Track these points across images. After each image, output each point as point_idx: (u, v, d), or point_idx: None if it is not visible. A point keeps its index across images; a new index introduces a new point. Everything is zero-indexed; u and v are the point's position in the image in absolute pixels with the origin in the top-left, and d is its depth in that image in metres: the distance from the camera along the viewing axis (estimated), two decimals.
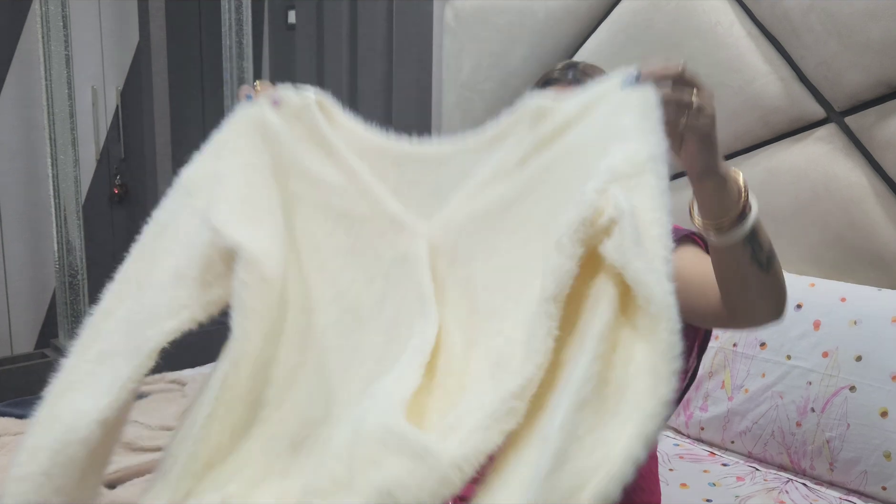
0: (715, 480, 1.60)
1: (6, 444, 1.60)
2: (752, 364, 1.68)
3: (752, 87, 1.83)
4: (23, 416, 1.75)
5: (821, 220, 1.76)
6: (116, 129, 3.45)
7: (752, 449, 1.68)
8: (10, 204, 3.18)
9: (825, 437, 1.56)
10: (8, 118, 3.14)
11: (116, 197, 3.52)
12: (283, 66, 3.46)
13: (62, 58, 2.80)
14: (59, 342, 2.97)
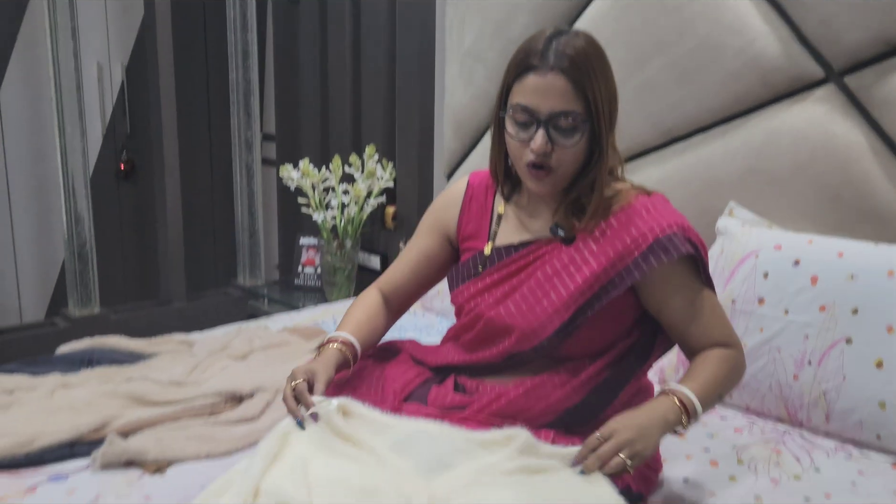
0: (713, 432, 1.63)
1: (19, 399, 1.64)
2: (751, 320, 1.71)
3: (752, 48, 1.85)
4: (35, 373, 1.79)
5: (819, 179, 1.78)
6: (122, 106, 3.48)
7: (749, 402, 1.71)
8: (19, 179, 3.22)
9: (822, 388, 1.58)
10: (14, 95, 3.17)
11: (122, 172, 3.56)
12: (286, 39, 3.48)
13: (68, 30, 2.82)
14: (68, 311, 3.01)
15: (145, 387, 1.69)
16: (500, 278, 1.36)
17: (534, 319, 1.30)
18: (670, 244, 1.25)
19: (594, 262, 1.28)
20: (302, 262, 3.29)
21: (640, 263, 1.26)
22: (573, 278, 1.29)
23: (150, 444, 1.47)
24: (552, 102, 1.21)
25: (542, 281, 1.31)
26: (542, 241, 1.34)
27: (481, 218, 1.44)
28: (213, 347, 1.97)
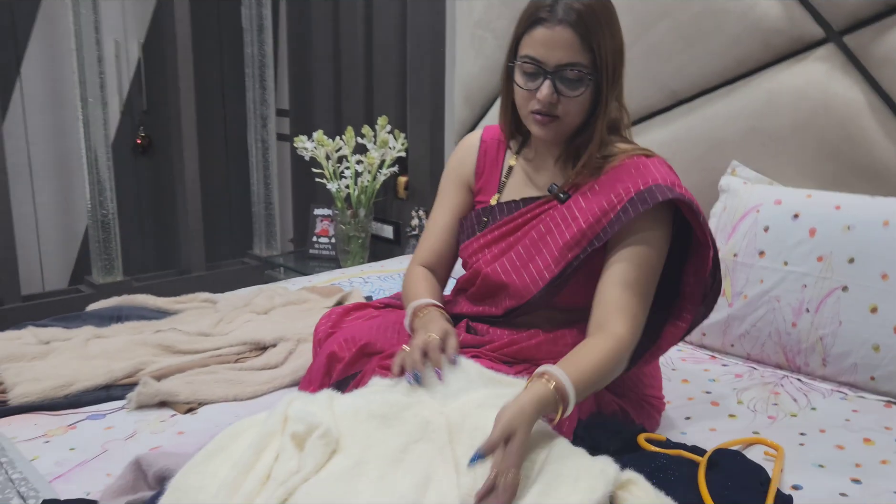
0: (715, 377, 1.71)
1: (56, 348, 1.73)
2: (751, 272, 1.78)
3: (754, 12, 1.91)
4: (69, 327, 1.88)
5: (819, 136, 1.84)
6: (139, 82, 3.55)
7: (750, 351, 1.78)
8: (40, 152, 3.31)
9: (819, 334, 1.66)
10: (35, 71, 3.25)
11: (140, 147, 3.63)
12: (299, 13, 3.54)
13: (90, 3, 2.90)
14: (92, 279, 3.11)
15: (174, 336, 1.78)
16: (499, 235, 1.42)
17: (525, 276, 1.36)
18: (648, 194, 1.27)
19: (581, 218, 1.32)
20: (316, 232, 3.37)
21: (620, 216, 1.28)
22: (563, 235, 1.34)
23: (181, 386, 1.56)
24: (559, 54, 1.25)
25: (536, 239, 1.37)
26: (542, 200, 1.40)
27: (493, 171, 1.50)
28: (237, 304, 2.05)
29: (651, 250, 1.29)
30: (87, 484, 1.24)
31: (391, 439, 1.11)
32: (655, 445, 1.28)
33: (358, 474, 1.05)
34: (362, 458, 1.05)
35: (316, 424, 1.09)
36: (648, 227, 1.29)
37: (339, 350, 1.45)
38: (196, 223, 3.33)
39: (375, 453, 1.07)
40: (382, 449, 1.07)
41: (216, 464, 1.08)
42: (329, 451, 1.08)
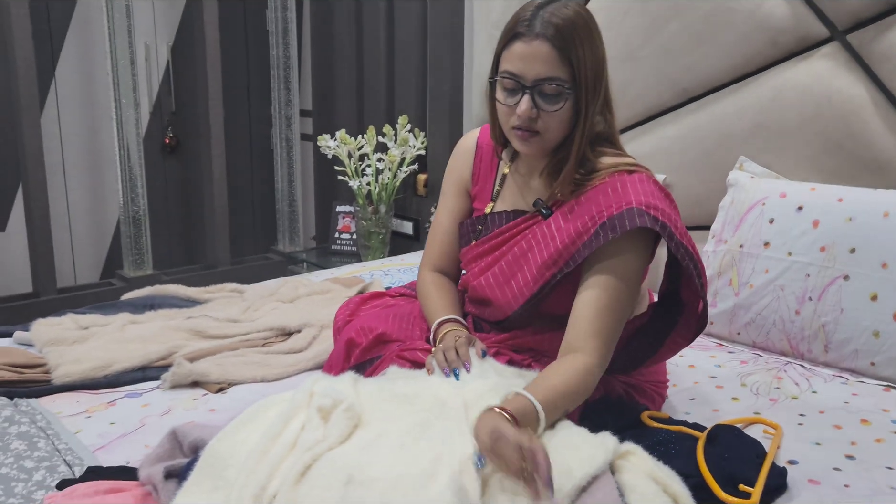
0: (721, 363, 1.78)
1: (94, 332, 1.84)
2: (757, 262, 1.84)
3: (761, 11, 1.98)
4: (105, 313, 1.99)
5: (823, 131, 1.90)
6: (167, 84, 3.67)
7: (756, 338, 1.84)
8: (73, 151, 3.43)
9: (821, 321, 1.72)
10: (69, 72, 3.38)
11: (168, 147, 3.75)
12: (323, 16, 3.64)
13: (123, 7, 3.02)
14: (124, 272, 3.23)
15: (205, 322, 1.88)
16: (488, 248, 1.45)
17: (507, 293, 1.40)
18: (619, 220, 1.24)
19: (559, 237, 1.32)
20: (338, 228, 3.47)
21: (592, 240, 1.27)
22: (542, 253, 1.34)
23: (212, 367, 1.65)
24: (537, 69, 1.23)
25: (519, 255, 1.38)
26: (528, 214, 1.39)
27: (487, 177, 1.53)
28: (263, 293, 2.15)
29: (623, 275, 1.27)
30: (127, 454, 1.34)
31: (411, 416, 1.19)
32: (658, 422, 1.35)
33: (378, 445, 1.13)
34: (383, 431, 1.13)
35: (341, 399, 1.18)
36: (622, 251, 1.27)
37: (356, 337, 1.53)
38: (222, 219, 3.44)
39: (396, 427, 1.15)
40: (402, 424, 1.15)
41: (246, 433, 1.17)
42: (352, 424, 1.16)
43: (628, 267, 1.28)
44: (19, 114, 2.89)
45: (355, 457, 1.11)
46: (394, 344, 1.49)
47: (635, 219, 1.25)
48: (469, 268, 1.50)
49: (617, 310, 1.28)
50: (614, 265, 1.27)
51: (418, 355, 1.41)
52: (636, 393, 1.45)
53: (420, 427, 1.16)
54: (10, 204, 3.28)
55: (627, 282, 1.28)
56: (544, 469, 0.97)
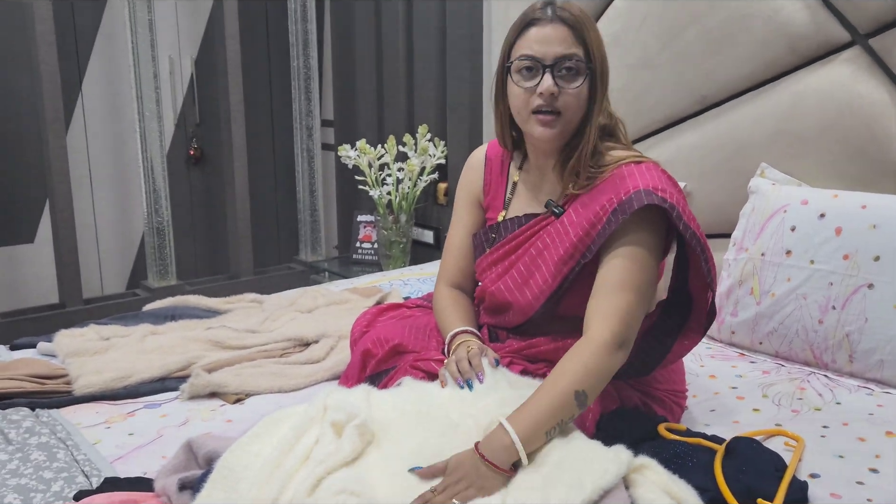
0: (742, 373, 1.75)
1: (115, 343, 1.86)
2: (779, 270, 1.82)
3: (779, 16, 1.95)
4: (126, 325, 2.01)
5: (844, 137, 1.87)
6: (191, 97, 3.72)
7: (778, 348, 1.82)
8: (100, 164, 3.48)
9: (845, 331, 1.69)
10: (96, 86, 3.43)
11: (192, 159, 3.79)
12: (343, 28, 3.67)
13: (146, 23, 3.06)
14: (148, 283, 3.26)
15: (224, 333, 1.89)
16: (503, 254, 1.47)
17: (527, 294, 1.41)
18: (628, 203, 1.28)
19: (572, 231, 1.35)
20: (359, 238, 3.48)
21: (605, 228, 1.30)
22: (557, 250, 1.36)
23: (230, 378, 1.66)
24: (556, 48, 1.29)
25: (535, 255, 1.41)
26: (541, 216, 1.42)
27: (498, 187, 1.55)
28: (282, 304, 2.16)
29: (635, 256, 1.29)
30: (144, 465, 1.35)
31: (422, 437, 1.19)
32: (675, 434, 1.33)
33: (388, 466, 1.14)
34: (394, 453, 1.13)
35: (354, 414, 1.18)
36: (633, 232, 1.29)
37: (373, 348, 1.53)
38: (245, 230, 3.47)
39: (408, 447, 1.15)
40: (413, 443, 1.16)
41: (259, 445, 1.17)
42: (365, 440, 1.16)
43: (640, 247, 1.30)
44: (45, 128, 2.95)
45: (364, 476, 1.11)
46: (409, 355, 1.49)
47: (643, 199, 1.27)
48: (484, 276, 1.50)
49: (632, 289, 1.28)
50: (626, 247, 1.29)
51: (432, 366, 1.41)
52: (654, 403, 1.44)
53: (431, 453, 1.16)
54: (38, 216, 3.34)
55: (641, 262, 1.29)
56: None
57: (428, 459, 1.15)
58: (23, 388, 1.61)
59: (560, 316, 1.42)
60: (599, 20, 2.40)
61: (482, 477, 1.12)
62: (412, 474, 1.12)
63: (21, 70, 3.17)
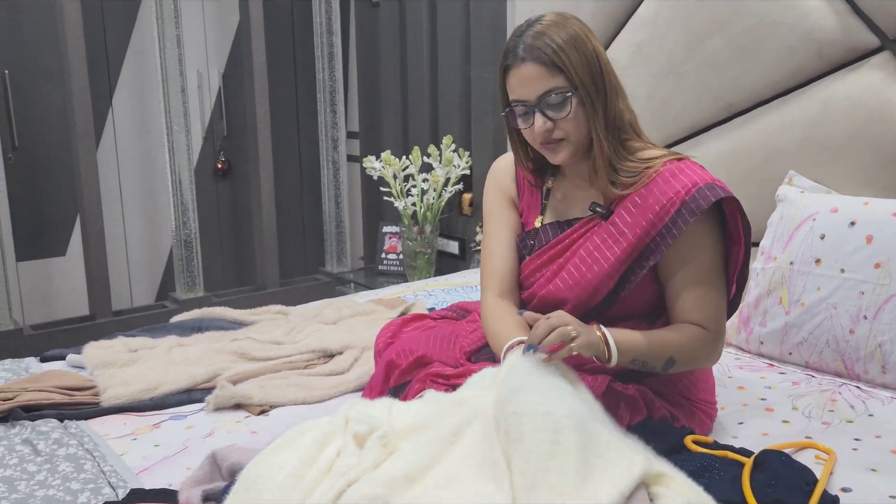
0: (771, 384, 1.72)
1: (142, 355, 1.88)
2: (808, 279, 1.78)
3: (806, 22, 1.93)
4: (154, 337, 2.03)
5: (874, 144, 1.84)
6: (219, 110, 3.76)
7: (808, 358, 1.78)
8: (129, 177, 3.54)
9: (877, 341, 1.65)
10: (126, 100, 3.49)
11: (220, 171, 3.83)
12: (368, 40, 3.69)
13: (174, 38, 3.11)
14: (176, 295, 3.30)
15: (249, 345, 1.90)
16: (549, 258, 1.47)
17: (583, 291, 1.41)
18: (694, 203, 1.32)
19: (630, 233, 1.37)
20: (385, 249, 3.49)
21: (671, 228, 1.34)
22: (612, 251, 1.38)
23: (254, 390, 1.67)
24: (535, 88, 1.32)
25: (586, 256, 1.42)
26: (585, 219, 1.44)
27: (532, 192, 1.55)
28: (307, 315, 2.17)
29: (711, 248, 1.37)
30: (169, 476, 1.36)
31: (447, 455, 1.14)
32: (702, 447, 1.31)
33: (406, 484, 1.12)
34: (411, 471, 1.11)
35: (377, 426, 1.18)
36: (701, 227, 1.35)
37: (396, 359, 1.54)
38: (271, 242, 3.49)
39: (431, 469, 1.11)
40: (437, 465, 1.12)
41: (283, 457, 1.17)
42: (387, 452, 1.16)
43: (712, 240, 1.37)
44: (76, 142, 3.00)
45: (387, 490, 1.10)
46: (432, 366, 1.49)
47: (711, 194, 1.32)
48: (532, 280, 1.50)
49: (715, 285, 1.38)
50: (699, 241, 1.36)
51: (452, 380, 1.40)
52: (682, 414, 1.42)
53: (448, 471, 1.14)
54: (70, 230, 3.39)
55: (715, 252, 1.38)
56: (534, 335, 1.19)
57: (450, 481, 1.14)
58: (52, 399, 1.63)
59: (609, 317, 1.42)
60: (623, 29, 2.39)
61: (587, 330, 1.23)
62: None
63: (53, 85, 3.23)
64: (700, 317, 1.36)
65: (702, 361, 1.40)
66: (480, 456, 1.10)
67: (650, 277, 1.41)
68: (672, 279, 1.39)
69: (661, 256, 1.36)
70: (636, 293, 1.41)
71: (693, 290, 1.37)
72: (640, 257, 1.38)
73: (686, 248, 1.36)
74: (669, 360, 1.34)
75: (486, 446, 1.10)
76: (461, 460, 1.11)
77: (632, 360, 1.31)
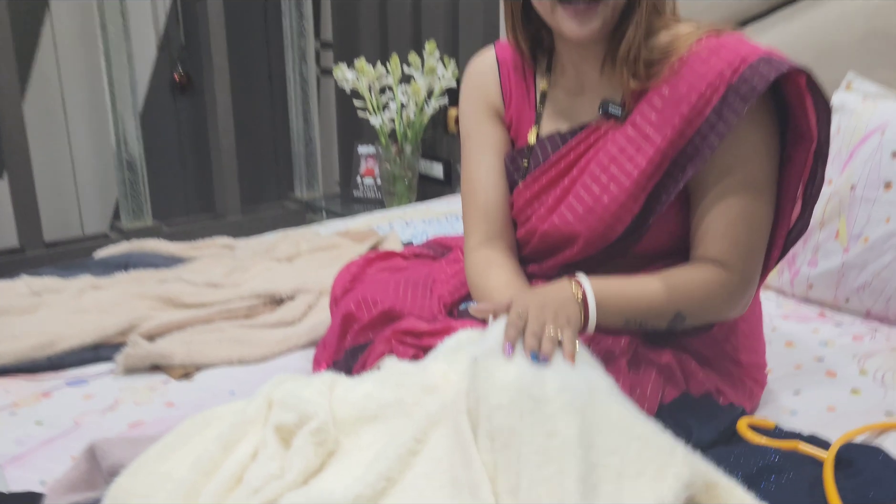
0: (827, 339, 1.38)
1: (47, 300, 1.52)
2: (874, 208, 1.43)
3: None
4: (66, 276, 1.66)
5: None
6: (175, 16, 3.31)
7: (871, 306, 1.44)
8: (73, 92, 3.12)
9: None
10: (66, 10, 3.04)
11: (179, 86, 3.42)
12: None
13: None
14: (121, 224, 2.94)
15: (178, 288, 1.54)
16: (550, 180, 1.10)
17: (598, 220, 1.04)
18: (746, 85, 0.95)
19: (658, 136, 1.00)
20: (360, 173, 3.10)
21: (715, 124, 0.97)
22: (634, 161, 1.01)
23: (177, 347, 1.32)
24: None
25: (598, 173, 1.04)
26: (592, 125, 1.07)
27: (522, 100, 1.17)
28: (257, 250, 1.81)
29: (763, 154, 1.00)
30: (43, 470, 1.02)
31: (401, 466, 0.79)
32: (761, 434, 0.97)
33: None
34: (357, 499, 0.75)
35: (309, 415, 0.83)
36: (753, 121, 0.98)
37: (356, 310, 1.19)
38: (230, 163, 3.10)
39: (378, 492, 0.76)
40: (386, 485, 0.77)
41: (174, 462, 0.82)
42: (324, 452, 0.81)
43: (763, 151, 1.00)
44: None
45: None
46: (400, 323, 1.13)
47: (765, 72, 0.94)
48: (528, 214, 1.13)
49: (753, 211, 1.00)
50: (748, 151, 0.99)
51: (425, 340, 1.05)
52: (729, 386, 1.07)
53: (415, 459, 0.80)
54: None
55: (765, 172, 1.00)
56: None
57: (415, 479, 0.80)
58: None
59: (638, 254, 1.07)
60: None
61: (563, 304, 0.93)
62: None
63: None
64: (720, 250, 1.00)
65: (720, 315, 1.04)
66: (452, 474, 0.75)
67: (680, 198, 1.04)
68: (703, 199, 1.02)
69: (702, 164, 0.99)
70: (662, 222, 1.04)
71: (723, 216, 1.00)
72: (672, 168, 1.01)
73: (730, 153, 0.99)
74: (677, 316, 1.01)
75: (460, 457, 0.75)
76: (427, 480, 0.76)
77: (624, 321, 0.99)
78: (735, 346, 1.09)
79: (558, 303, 0.93)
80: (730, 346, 1.08)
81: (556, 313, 0.90)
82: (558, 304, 0.92)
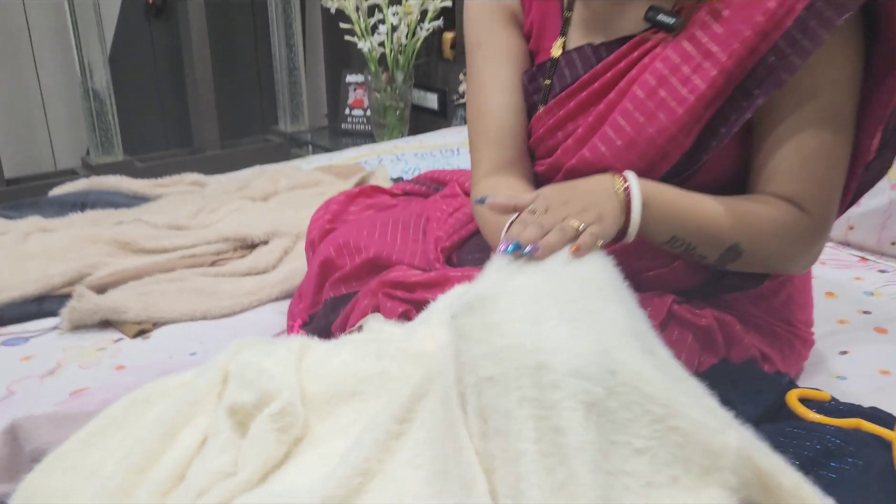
0: (872, 289, 1.22)
1: None
2: None
3: None
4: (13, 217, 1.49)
5: None
6: None
7: None
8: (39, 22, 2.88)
9: None
10: None
11: (153, 8, 3.17)
12: None
13: None
14: (89, 159, 2.74)
15: (136, 230, 1.37)
16: (580, 104, 0.89)
17: (640, 156, 0.84)
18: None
19: (723, 52, 0.80)
20: (349, 104, 2.89)
21: (798, 39, 0.77)
22: (691, 84, 0.81)
23: (131, 300, 1.15)
24: None
25: (643, 98, 0.83)
26: (637, 38, 0.86)
27: (544, 5, 0.96)
28: (229, 187, 1.62)
29: (848, 80, 0.81)
30: None
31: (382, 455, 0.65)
32: (816, 410, 0.81)
33: None
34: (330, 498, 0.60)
35: (271, 393, 0.67)
36: (840, 38, 0.79)
37: (336, 256, 1.02)
38: (207, 93, 2.88)
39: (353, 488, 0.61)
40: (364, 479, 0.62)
41: (101, 453, 0.66)
42: (289, 440, 0.65)
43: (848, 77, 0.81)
44: None
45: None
46: (392, 269, 0.97)
47: None
48: (548, 145, 0.92)
49: (835, 144, 0.82)
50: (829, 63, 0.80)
51: (418, 293, 0.88)
52: (776, 350, 0.91)
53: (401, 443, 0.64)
54: None
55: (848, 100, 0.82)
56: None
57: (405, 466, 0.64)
58: None
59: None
60: None
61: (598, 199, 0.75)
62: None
63: None
64: (796, 189, 0.82)
65: (786, 263, 0.86)
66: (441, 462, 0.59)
67: (740, 131, 0.84)
68: (773, 130, 0.82)
69: (776, 90, 0.79)
70: (715, 160, 0.85)
71: (797, 150, 0.81)
72: (737, 94, 0.81)
73: (813, 76, 0.80)
74: (732, 250, 0.82)
75: (450, 442, 0.59)
76: (411, 470, 0.60)
77: (671, 238, 0.80)
78: (787, 301, 0.92)
79: (592, 197, 0.75)
80: (779, 302, 0.91)
81: (585, 208, 0.72)
82: (592, 198, 0.74)
